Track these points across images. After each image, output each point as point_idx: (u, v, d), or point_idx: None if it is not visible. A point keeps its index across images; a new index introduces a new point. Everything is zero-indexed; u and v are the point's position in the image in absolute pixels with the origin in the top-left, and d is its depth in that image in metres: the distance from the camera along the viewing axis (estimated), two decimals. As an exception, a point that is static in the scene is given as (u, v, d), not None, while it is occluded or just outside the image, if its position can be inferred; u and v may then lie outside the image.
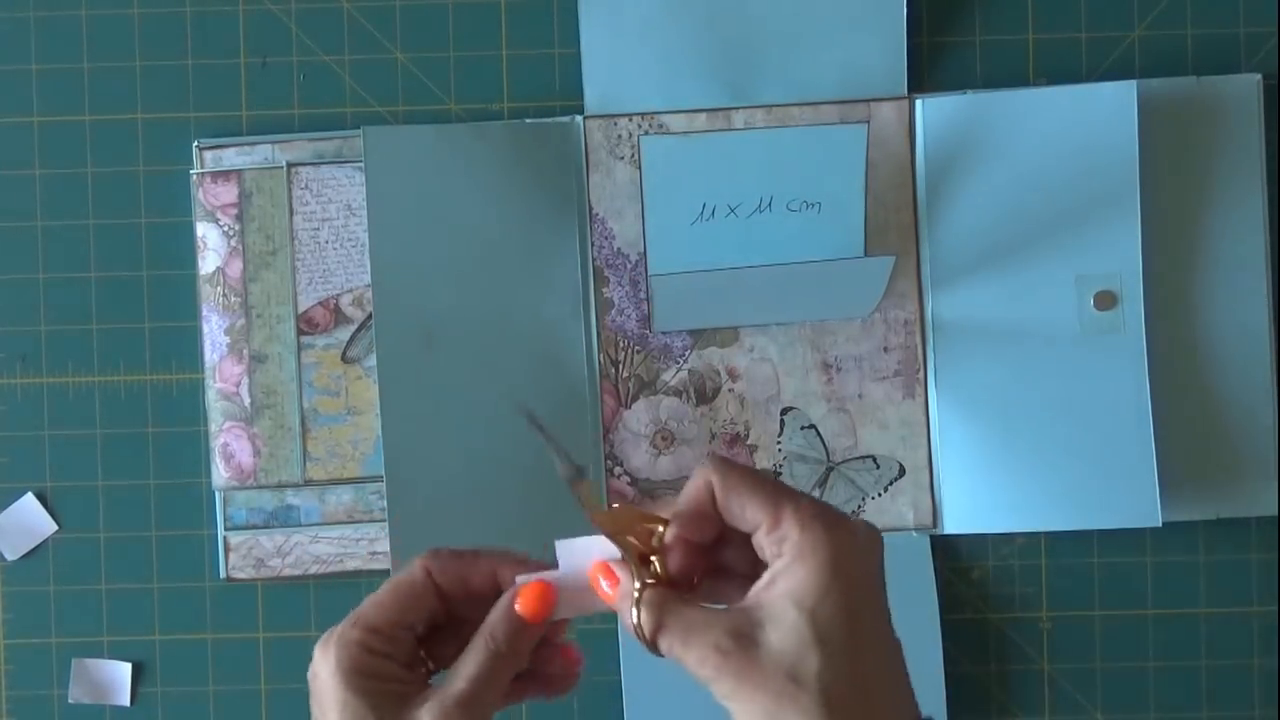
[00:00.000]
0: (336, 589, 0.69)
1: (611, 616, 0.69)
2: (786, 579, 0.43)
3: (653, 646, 0.44)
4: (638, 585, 0.44)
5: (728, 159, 0.67)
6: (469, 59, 0.70)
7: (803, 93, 0.69)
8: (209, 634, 0.70)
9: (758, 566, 0.44)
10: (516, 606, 0.46)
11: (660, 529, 0.45)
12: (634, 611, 0.44)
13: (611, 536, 0.45)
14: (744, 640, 0.42)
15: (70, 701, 0.69)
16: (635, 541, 0.45)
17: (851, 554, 0.43)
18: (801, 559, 0.42)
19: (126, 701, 0.70)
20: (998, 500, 0.68)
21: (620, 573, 0.46)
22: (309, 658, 0.49)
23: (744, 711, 0.42)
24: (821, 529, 0.43)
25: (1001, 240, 0.68)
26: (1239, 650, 0.70)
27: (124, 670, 0.69)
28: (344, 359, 0.69)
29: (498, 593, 0.47)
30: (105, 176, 0.70)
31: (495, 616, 0.47)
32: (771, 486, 0.44)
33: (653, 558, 0.45)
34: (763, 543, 0.44)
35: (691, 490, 0.45)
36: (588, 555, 0.47)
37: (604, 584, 0.46)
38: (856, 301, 0.68)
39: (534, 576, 0.47)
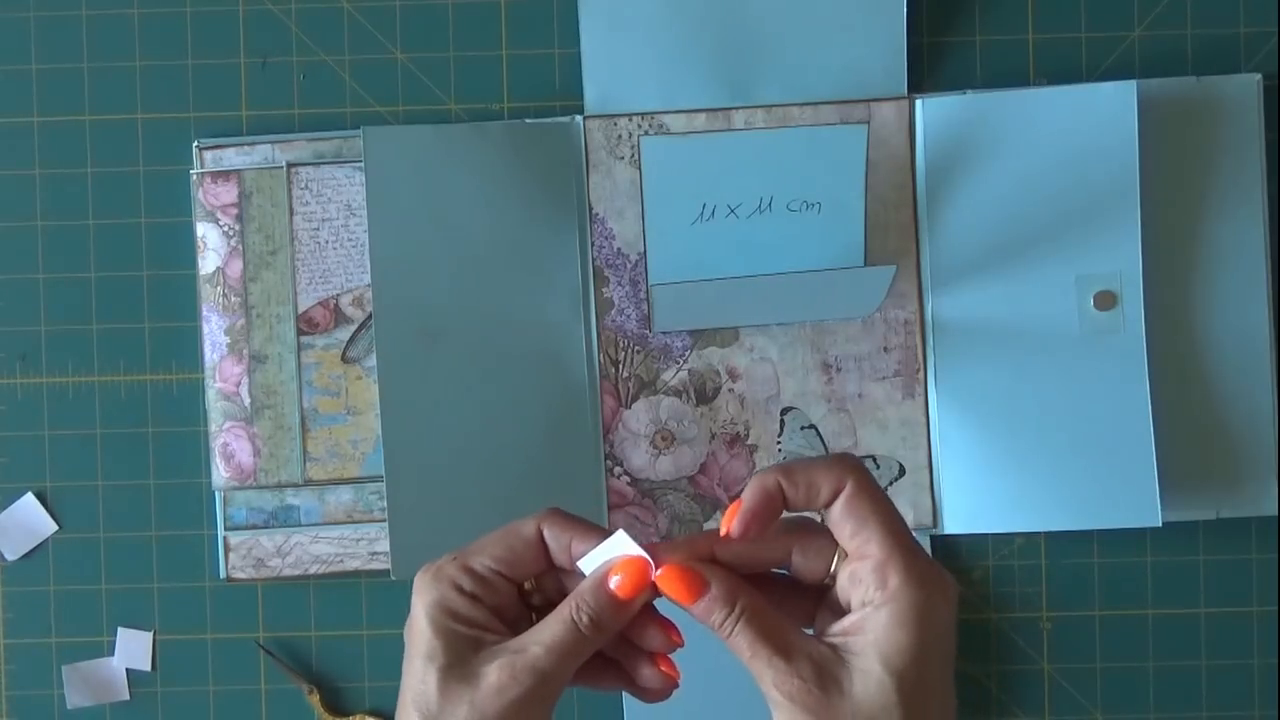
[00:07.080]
0: (336, 589, 0.69)
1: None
2: (879, 630, 0.42)
3: (732, 643, 0.44)
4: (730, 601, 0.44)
5: (728, 159, 0.67)
6: (469, 59, 0.70)
7: (803, 93, 0.69)
8: (209, 634, 0.70)
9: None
10: (611, 583, 0.44)
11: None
12: (726, 614, 0.44)
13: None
14: (826, 679, 0.42)
15: (70, 707, 0.69)
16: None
17: (944, 622, 0.43)
18: (901, 621, 0.42)
19: (125, 695, 0.69)
20: (998, 500, 0.68)
21: (711, 575, 0.44)
22: (309, 657, 0.48)
23: None
24: (924, 590, 0.43)
25: (1001, 240, 0.68)
26: (1239, 650, 0.70)
27: (119, 670, 0.69)
28: (344, 359, 0.69)
29: None
30: (105, 176, 0.70)
31: (586, 586, 0.45)
32: (895, 523, 0.44)
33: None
34: (862, 573, 0.43)
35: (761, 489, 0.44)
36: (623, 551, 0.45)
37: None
38: (856, 308, 0.68)
39: (635, 553, 0.45)
